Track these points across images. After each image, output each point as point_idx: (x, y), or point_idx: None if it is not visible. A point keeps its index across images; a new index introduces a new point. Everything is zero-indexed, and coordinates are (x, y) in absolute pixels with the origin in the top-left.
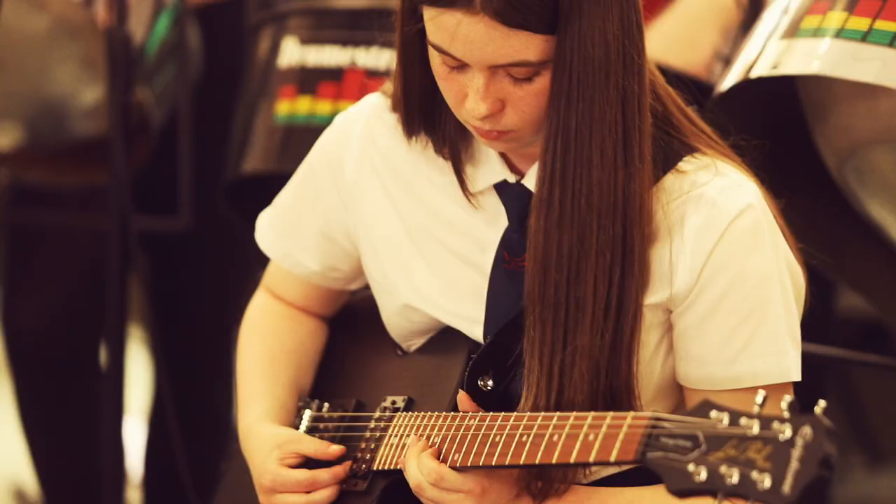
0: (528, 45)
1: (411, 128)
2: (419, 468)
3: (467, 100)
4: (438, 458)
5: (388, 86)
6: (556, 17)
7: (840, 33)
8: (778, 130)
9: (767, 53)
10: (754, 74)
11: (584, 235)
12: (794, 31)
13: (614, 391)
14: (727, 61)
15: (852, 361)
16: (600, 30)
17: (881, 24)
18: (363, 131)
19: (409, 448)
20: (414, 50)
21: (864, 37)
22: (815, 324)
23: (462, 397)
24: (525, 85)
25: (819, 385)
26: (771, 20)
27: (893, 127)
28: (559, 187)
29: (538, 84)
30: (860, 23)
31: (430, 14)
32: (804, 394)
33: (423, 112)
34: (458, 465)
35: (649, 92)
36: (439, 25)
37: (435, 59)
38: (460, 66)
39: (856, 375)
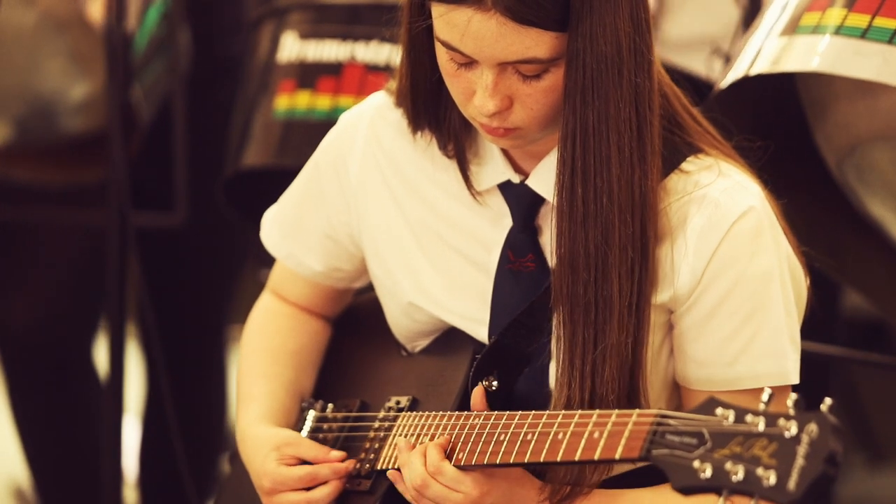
0: (538, 42)
1: (417, 123)
2: (427, 457)
3: (475, 96)
4: (445, 456)
5: (392, 84)
6: (566, 13)
7: (839, 30)
8: (777, 128)
9: (767, 50)
10: (754, 71)
11: (608, 233)
12: (793, 28)
13: (636, 390)
14: (727, 58)
15: (852, 360)
16: (611, 26)
17: (880, 21)
18: (368, 131)
19: (403, 453)
20: (420, 46)
21: (864, 34)
22: (821, 325)
23: (477, 394)
24: (534, 82)
25: (823, 385)
26: (770, 17)
27: (893, 124)
28: (581, 185)
29: (547, 81)
30: (859, 20)
31: (439, 11)
32: (808, 394)
33: (429, 107)
34: (462, 463)
35: (658, 89)
36: (449, 22)
37: (442, 55)
38: (468, 62)
39: (856, 375)
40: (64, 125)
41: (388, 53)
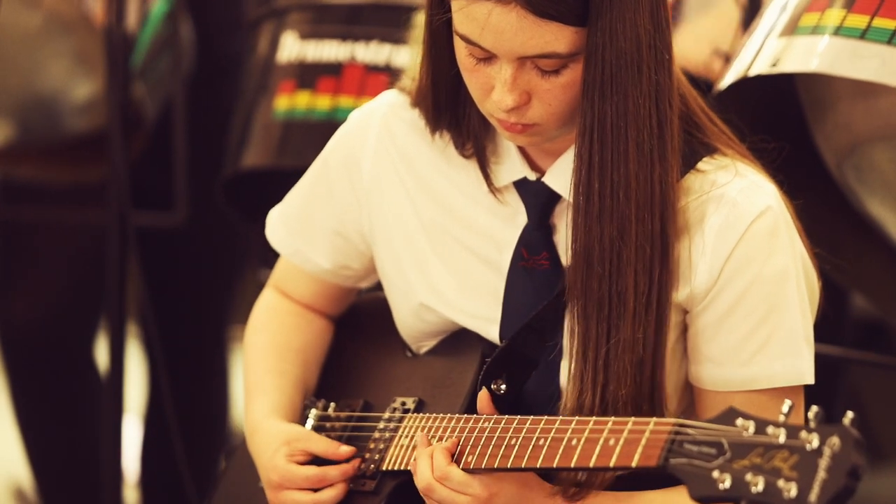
0: (558, 37)
1: (437, 122)
2: (433, 460)
3: (493, 91)
4: (452, 459)
5: (406, 82)
6: (587, 9)
7: (838, 31)
8: (777, 128)
9: (766, 51)
10: (753, 72)
11: (624, 228)
12: (792, 29)
13: (654, 387)
14: (727, 59)
15: (853, 361)
16: (631, 23)
17: (879, 22)
18: (380, 128)
19: (419, 448)
20: (440, 43)
21: (863, 34)
22: (829, 327)
23: (483, 398)
24: (552, 77)
25: (832, 387)
26: (769, 18)
27: (893, 124)
28: (598, 180)
29: (565, 77)
30: (859, 20)
31: (459, 4)
32: (816, 395)
33: (449, 105)
34: (471, 466)
35: (677, 89)
36: (469, 15)
37: (461, 50)
38: (487, 57)
39: (856, 375)
40: (68, 125)
41: (388, 53)
